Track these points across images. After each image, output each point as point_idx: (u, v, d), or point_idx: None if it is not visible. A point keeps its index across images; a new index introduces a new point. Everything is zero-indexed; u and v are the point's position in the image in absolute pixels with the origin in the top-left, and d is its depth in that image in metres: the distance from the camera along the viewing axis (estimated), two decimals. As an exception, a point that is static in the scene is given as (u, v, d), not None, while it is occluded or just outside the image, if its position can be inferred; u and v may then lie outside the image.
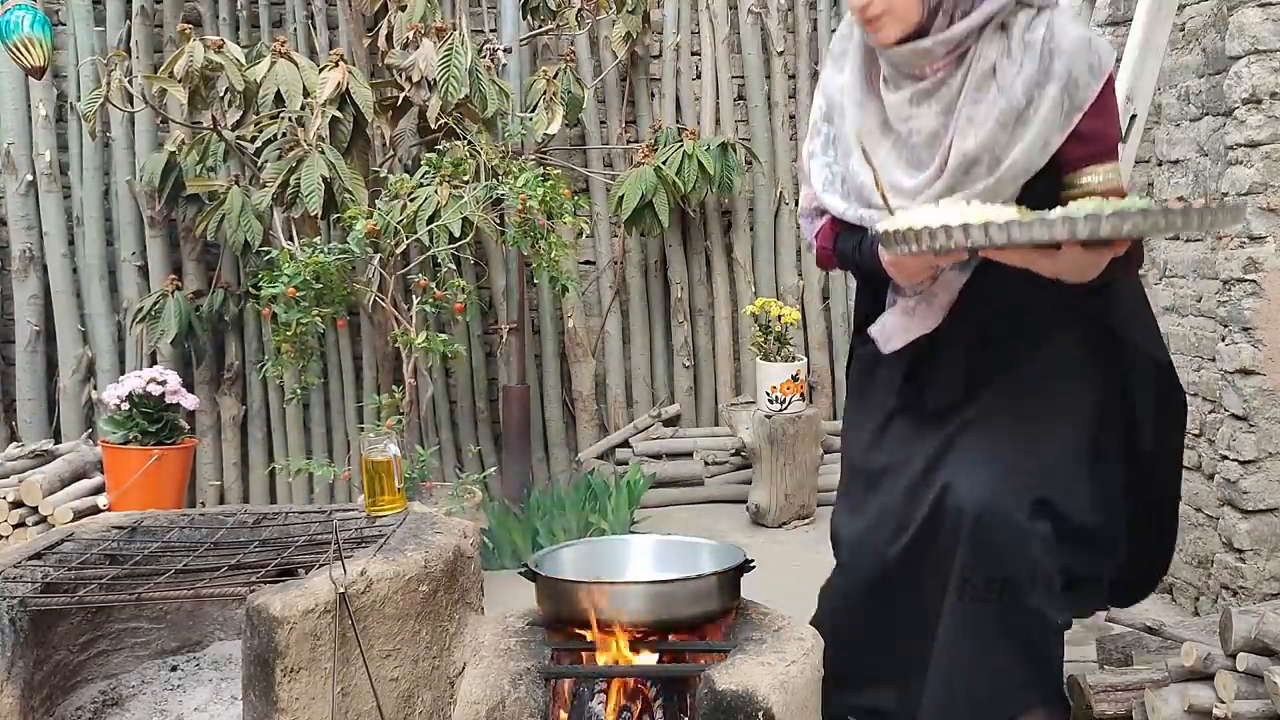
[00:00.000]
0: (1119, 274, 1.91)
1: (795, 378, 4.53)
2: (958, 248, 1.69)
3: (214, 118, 4.28)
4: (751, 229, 5.31)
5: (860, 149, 1.98)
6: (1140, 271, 3.60)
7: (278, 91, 4.12)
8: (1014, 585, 1.89)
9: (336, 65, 4.11)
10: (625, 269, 5.29)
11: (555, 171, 4.24)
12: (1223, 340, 2.93)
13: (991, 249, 1.70)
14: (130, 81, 4.47)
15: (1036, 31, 1.88)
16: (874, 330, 2.06)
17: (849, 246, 2.06)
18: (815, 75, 5.31)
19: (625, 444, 5.19)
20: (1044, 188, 1.91)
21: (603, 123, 5.30)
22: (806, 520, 4.61)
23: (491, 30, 5.15)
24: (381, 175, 4.21)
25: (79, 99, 4.93)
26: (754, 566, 2.13)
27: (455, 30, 4.20)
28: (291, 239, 4.25)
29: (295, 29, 5.12)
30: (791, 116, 5.33)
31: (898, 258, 1.90)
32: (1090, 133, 1.89)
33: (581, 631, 2.04)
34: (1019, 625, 1.91)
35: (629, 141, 5.26)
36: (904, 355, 2.05)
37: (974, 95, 1.89)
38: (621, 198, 4.82)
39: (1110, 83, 1.91)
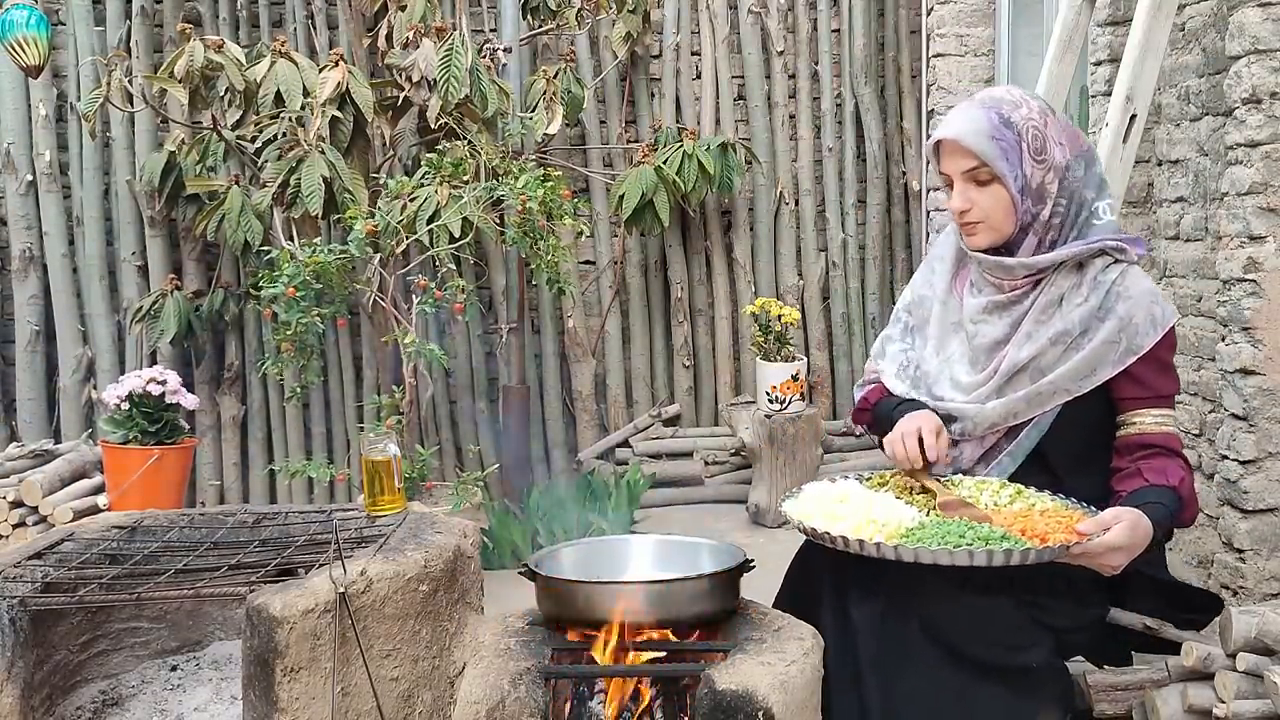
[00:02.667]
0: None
1: (795, 378, 4.53)
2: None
3: (214, 118, 4.28)
4: (751, 229, 5.31)
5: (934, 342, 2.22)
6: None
7: (278, 91, 4.12)
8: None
9: (336, 65, 4.11)
10: (625, 269, 5.29)
11: (555, 172, 4.24)
12: (1223, 340, 2.93)
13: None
14: (130, 81, 4.46)
15: (1109, 275, 2.08)
16: None
17: (887, 408, 2.24)
18: (815, 75, 5.32)
19: (625, 444, 5.20)
20: (1095, 418, 2.10)
21: (603, 123, 5.30)
22: (806, 520, 4.60)
23: (491, 30, 5.15)
24: (381, 180, 4.21)
25: (79, 99, 4.93)
26: (754, 566, 2.13)
27: (455, 30, 4.20)
28: (291, 239, 4.25)
29: (295, 29, 5.12)
30: (791, 116, 5.33)
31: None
32: (1144, 378, 2.07)
33: (581, 631, 2.04)
34: None
35: (629, 141, 5.26)
36: None
37: (1038, 316, 2.09)
38: (621, 197, 4.82)
39: (1171, 338, 2.08)
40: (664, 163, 4.83)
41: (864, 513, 2.00)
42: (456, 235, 3.93)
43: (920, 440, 2.09)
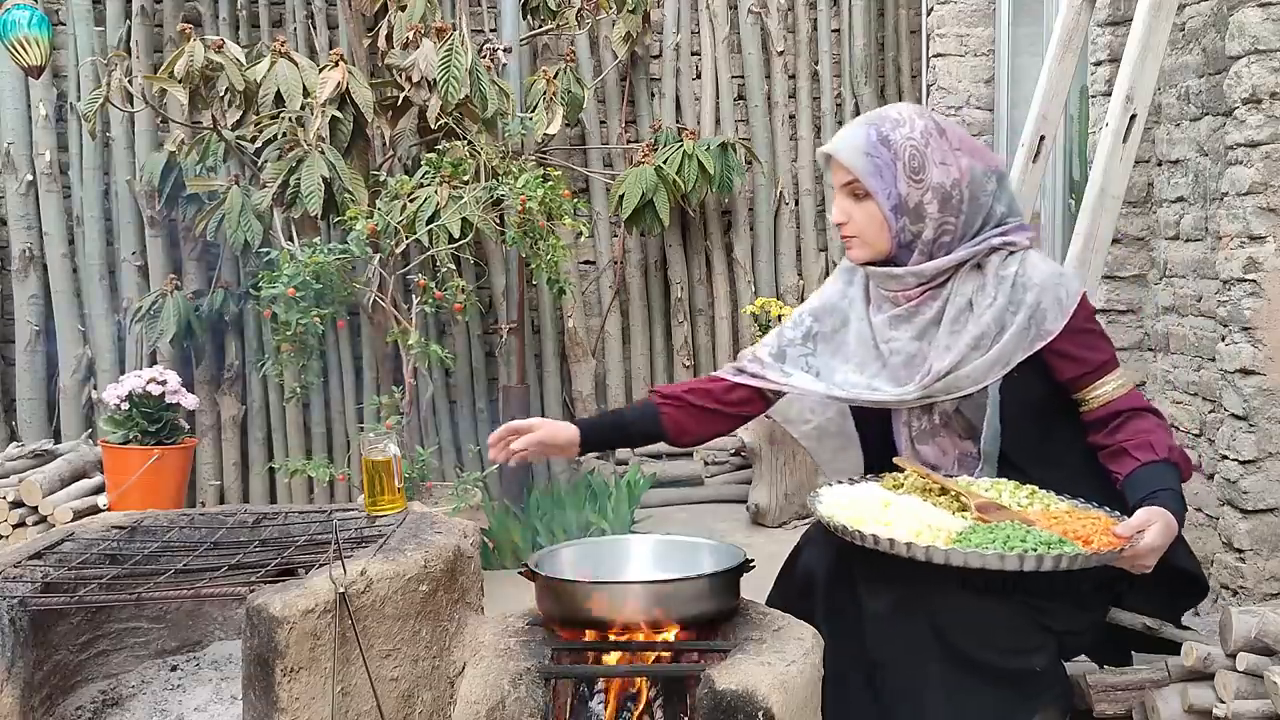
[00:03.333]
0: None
1: (795, 378, 4.52)
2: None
3: (214, 118, 4.28)
4: (751, 229, 5.31)
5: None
6: (1140, 273, 3.62)
7: (278, 91, 4.12)
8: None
9: (336, 65, 4.11)
10: (625, 269, 5.29)
11: (555, 172, 4.24)
12: (1223, 340, 2.93)
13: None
14: (130, 81, 4.46)
15: (1010, 269, 2.10)
16: None
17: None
18: (815, 75, 5.32)
19: (625, 444, 5.19)
20: (1046, 409, 2.13)
21: (603, 123, 5.30)
22: (806, 520, 4.61)
23: (491, 30, 5.15)
24: (381, 180, 4.21)
25: (79, 99, 4.93)
26: (754, 566, 2.13)
27: (455, 30, 4.20)
28: (291, 239, 4.25)
29: (295, 29, 5.12)
30: (791, 116, 5.33)
31: None
32: (1080, 355, 2.10)
33: (581, 631, 2.04)
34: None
35: (629, 141, 5.26)
36: None
37: (952, 327, 2.10)
38: (621, 197, 4.82)
39: (1084, 310, 2.11)
40: (664, 163, 4.83)
41: (918, 519, 1.98)
42: (456, 235, 3.93)
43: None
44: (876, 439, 2.28)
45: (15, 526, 4.19)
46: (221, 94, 4.18)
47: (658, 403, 2.29)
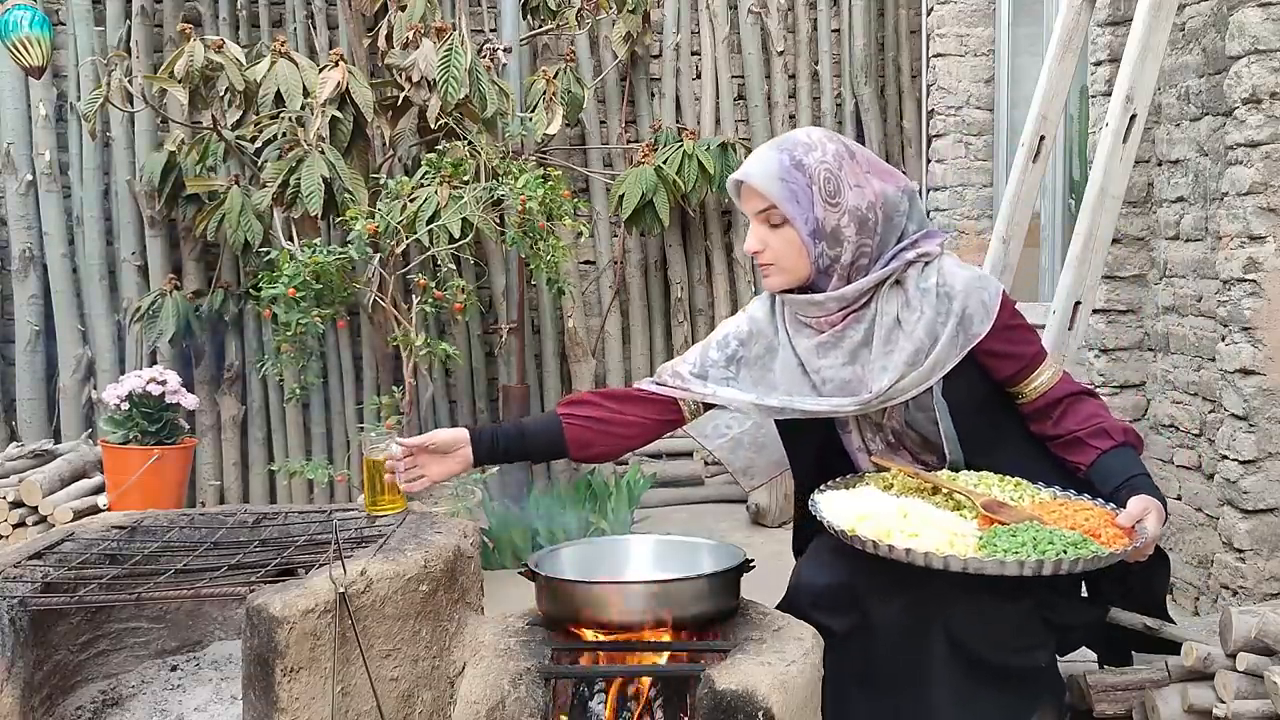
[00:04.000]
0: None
1: (795, 378, 4.52)
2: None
3: (214, 118, 4.28)
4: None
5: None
6: (1140, 273, 3.62)
7: (278, 91, 4.12)
8: None
9: (336, 65, 4.11)
10: (625, 269, 5.29)
11: (555, 172, 4.24)
12: (1223, 340, 2.93)
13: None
14: (130, 81, 4.46)
15: (929, 280, 2.09)
16: None
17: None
18: (815, 75, 5.32)
19: (625, 444, 5.18)
20: (987, 403, 2.14)
21: (603, 123, 5.30)
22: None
23: (491, 30, 5.15)
24: (381, 180, 4.20)
25: (79, 99, 4.93)
26: (754, 566, 2.13)
27: (455, 30, 4.20)
28: (291, 239, 4.25)
29: (295, 29, 5.12)
30: (791, 116, 5.33)
31: None
32: (1011, 351, 2.11)
33: (581, 631, 2.04)
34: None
35: (629, 141, 5.26)
36: None
37: (884, 348, 2.08)
38: (621, 197, 4.82)
39: (1007, 308, 2.11)
40: (664, 163, 4.83)
41: (939, 527, 1.96)
42: (456, 235, 3.93)
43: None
44: (812, 454, 2.25)
45: (15, 526, 4.19)
46: (221, 94, 4.18)
47: (562, 414, 2.20)
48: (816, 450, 2.25)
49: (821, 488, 2.17)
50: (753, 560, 2.13)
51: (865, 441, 2.20)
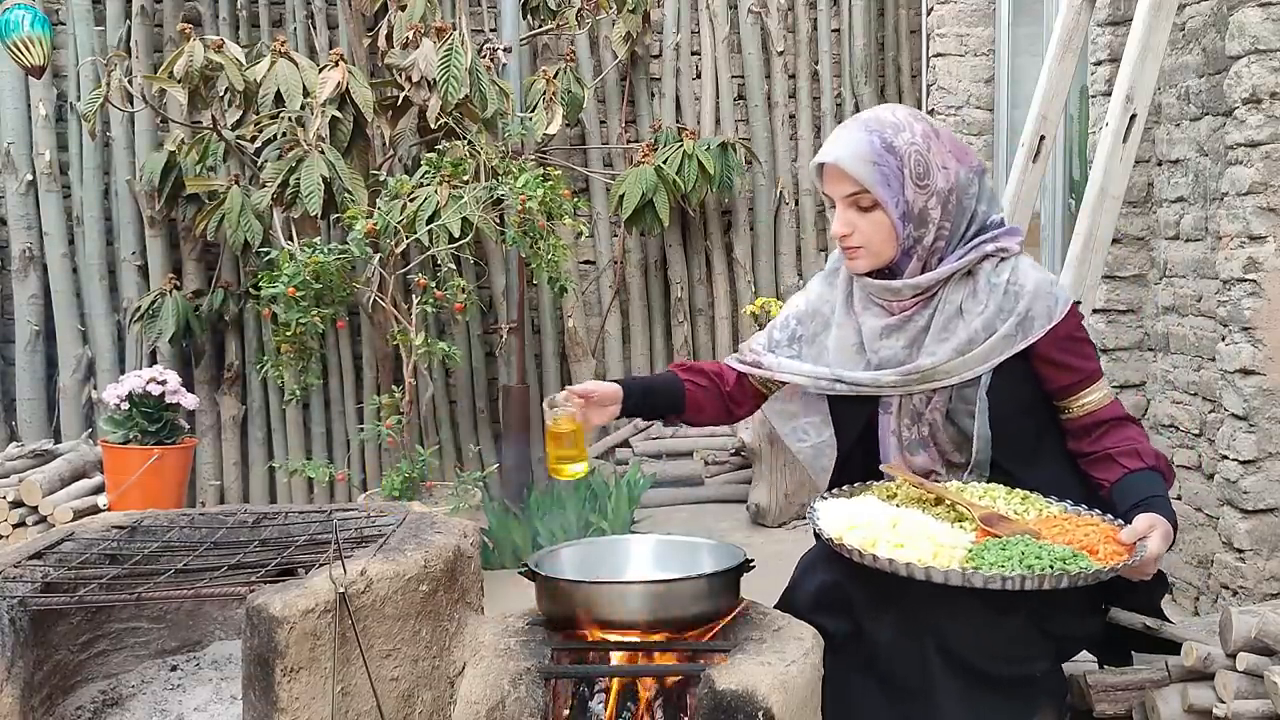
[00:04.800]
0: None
1: (795, 378, 4.52)
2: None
3: (214, 118, 4.28)
4: (751, 229, 5.31)
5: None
6: (1140, 273, 3.62)
7: (278, 91, 4.12)
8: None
9: (336, 65, 4.11)
10: (625, 269, 5.29)
11: (555, 172, 4.24)
12: (1223, 340, 2.93)
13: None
14: (130, 81, 4.47)
15: (1001, 276, 2.08)
16: None
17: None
18: (815, 75, 5.32)
19: (625, 444, 5.19)
20: (1038, 413, 2.13)
21: (603, 123, 5.30)
22: (806, 520, 4.60)
23: (491, 30, 5.15)
24: (381, 180, 4.21)
25: (79, 99, 4.93)
26: (754, 566, 2.12)
27: (455, 30, 4.20)
28: (291, 239, 4.25)
29: (295, 29, 5.12)
30: (791, 116, 5.33)
31: None
32: (1071, 362, 2.09)
33: (581, 631, 2.04)
34: None
35: (629, 141, 5.26)
36: None
37: (940, 334, 2.09)
38: (622, 197, 4.82)
39: (1074, 319, 2.10)
40: (664, 163, 4.83)
41: (928, 537, 1.95)
42: (456, 235, 3.93)
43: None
44: (859, 449, 2.25)
45: (15, 526, 4.19)
46: (221, 94, 4.18)
47: (683, 378, 2.28)
48: (855, 441, 2.24)
49: (824, 494, 2.17)
50: (753, 560, 2.12)
51: (901, 428, 2.17)
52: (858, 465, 2.26)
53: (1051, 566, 1.85)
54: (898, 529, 1.96)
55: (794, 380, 2.22)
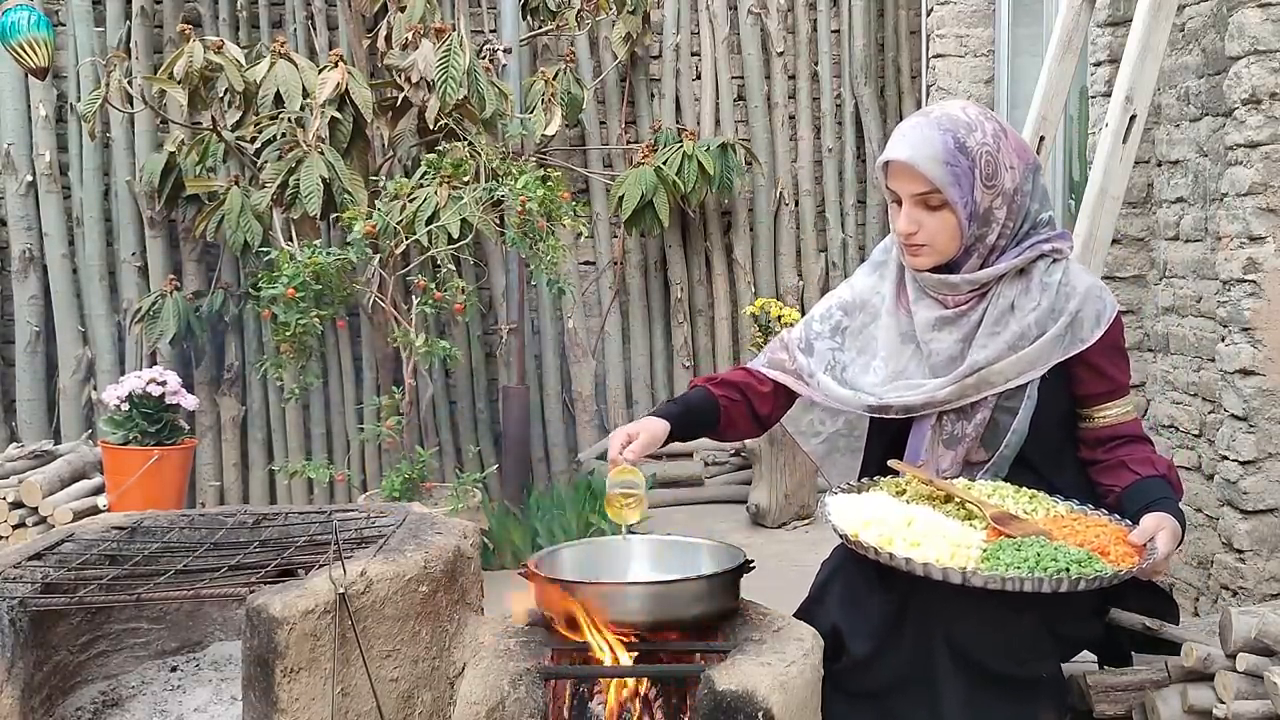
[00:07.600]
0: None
1: (795, 378, 4.52)
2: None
3: (214, 118, 4.28)
4: (751, 229, 5.31)
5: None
6: (1140, 273, 3.62)
7: (277, 92, 4.12)
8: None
9: (336, 65, 4.11)
10: (625, 269, 5.29)
11: (555, 172, 4.24)
12: (1223, 340, 2.93)
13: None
14: (130, 82, 4.46)
15: (1054, 276, 2.09)
16: None
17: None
18: (815, 76, 5.33)
19: (625, 444, 5.18)
20: (1067, 415, 2.13)
21: (603, 123, 5.30)
22: (806, 520, 4.61)
23: (491, 31, 5.15)
24: (380, 181, 4.21)
25: (79, 99, 4.93)
26: (754, 567, 2.12)
27: (454, 31, 4.20)
28: (291, 240, 4.25)
29: (295, 29, 5.12)
30: (791, 116, 5.33)
31: None
32: (1107, 371, 2.11)
33: (581, 632, 2.04)
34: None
35: (629, 142, 5.26)
36: None
37: (992, 329, 2.08)
38: (621, 198, 4.82)
39: (1118, 326, 2.11)
40: (664, 163, 4.83)
41: (944, 537, 1.94)
42: (456, 236, 3.93)
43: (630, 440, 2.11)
44: (889, 441, 2.24)
45: (15, 527, 4.19)
46: (221, 94, 4.18)
47: (717, 394, 2.22)
48: (892, 440, 2.22)
49: (834, 490, 2.16)
50: (752, 561, 2.12)
51: (944, 424, 2.14)
52: (872, 460, 2.26)
53: (1069, 569, 1.85)
54: (913, 527, 1.96)
55: (840, 408, 2.20)
